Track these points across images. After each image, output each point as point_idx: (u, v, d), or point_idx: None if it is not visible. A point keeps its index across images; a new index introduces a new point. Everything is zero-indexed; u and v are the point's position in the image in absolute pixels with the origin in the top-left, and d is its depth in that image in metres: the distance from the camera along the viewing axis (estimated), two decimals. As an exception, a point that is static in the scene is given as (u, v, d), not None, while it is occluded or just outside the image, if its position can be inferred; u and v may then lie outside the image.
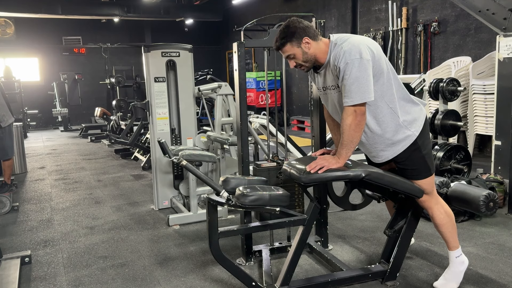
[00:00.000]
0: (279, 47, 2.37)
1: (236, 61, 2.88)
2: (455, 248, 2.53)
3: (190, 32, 14.08)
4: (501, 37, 3.89)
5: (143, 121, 7.05)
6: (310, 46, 2.32)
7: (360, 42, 2.25)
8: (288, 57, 2.38)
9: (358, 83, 2.19)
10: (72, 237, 3.72)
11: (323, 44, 2.34)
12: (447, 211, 2.52)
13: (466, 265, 2.56)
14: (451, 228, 2.51)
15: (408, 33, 7.60)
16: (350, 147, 2.28)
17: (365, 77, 2.20)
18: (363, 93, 2.20)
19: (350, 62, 2.19)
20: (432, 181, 2.48)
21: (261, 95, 10.94)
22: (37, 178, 6.17)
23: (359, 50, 2.21)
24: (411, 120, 2.38)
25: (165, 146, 3.07)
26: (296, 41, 2.31)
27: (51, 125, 13.15)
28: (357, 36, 2.37)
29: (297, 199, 3.38)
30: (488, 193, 3.19)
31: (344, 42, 2.26)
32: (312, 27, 2.36)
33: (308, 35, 2.31)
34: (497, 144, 4.00)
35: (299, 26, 2.31)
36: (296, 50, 2.33)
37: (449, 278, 2.54)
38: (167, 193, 4.43)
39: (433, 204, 2.49)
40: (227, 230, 2.47)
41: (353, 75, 2.19)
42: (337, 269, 2.76)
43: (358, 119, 2.23)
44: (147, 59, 4.22)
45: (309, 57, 2.34)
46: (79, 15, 11.78)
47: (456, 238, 2.54)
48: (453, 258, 2.53)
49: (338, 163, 2.30)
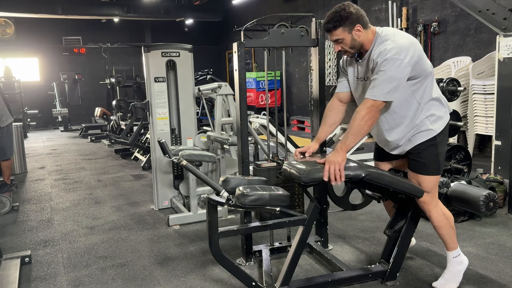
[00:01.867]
0: (331, 29, 2.33)
1: (236, 61, 2.88)
2: (453, 248, 2.53)
3: (190, 32, 14.08)
4: (501, 37, 3.89)
5: (143, 121, 7.05)
6: (360, 34, 2.30)
7: (405, 44, 2.24)
8: (336, 41, 2.34)
9: (390, 82, 2.19)
10: (72, 237, 3.72)
11: (371, 33, 2.33)
12: (446, 213, 2.53)
13: (466, 265, 2.56)
14: (449, 230, 2.51)
15: (408, 33, 7.60)
16: (355, 138, 2.28)
17: (398, 80, 2.20)
18: (389, 93, 2.21)
19: (390, 60, 2.18)
20: (437, 181, 2.49)
21: (261, 95, 10.94)
22: (37, 178, 6.17)
23: (402, 51, 2.20)
24: (436, 117, 2.40)
25: (165, 146, 3.07)
26: (349, 27, 2.29)
27: (51, 125, 13.15)
28: (403, 34, 2.34)
29: (297, 199, 3.38)
30: (488, 193, 3.19)
31: (389, 40, 2.25)
32: (365, 14, 2.34)
33: (360, 22, 2.29)
34: (497, 144, 4.00)
35: (354, 11, 2.29)
36: (346, 36, 2.31)
37: (448, 278, 2.54)
38: (167, 193, 4.43)
39: (432, 206, 2.49)
40: (227, 230, 2.47)
41: (389, 73, 2.19)
42: (337, 269, 2.76)
43: (372, 114, 2.24)
44: (147, 59, 4.22)
45: (356, 44, 2.33)
46: (79, 15, 11.78)
47: (454, 239, 2.54)
48: (451, 258, 2.54)
49: (341, 155, 2.27)
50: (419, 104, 2.36)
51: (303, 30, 2.98)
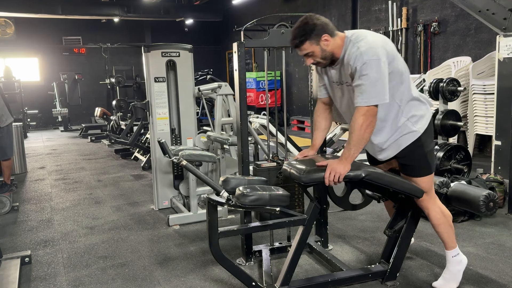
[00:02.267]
0: (298, 45, 2.28)
1: (236, 61, 2.88)
2: (452, 248, 2.53)
3: (190, 32, 14.08)
4: (501, 37, 3.89)
5: (143, 121, 7.05)
6: (328, 43, 2.25)
7: (377, 42, 2.21)
8: (306, 55, 2.31)
9: (375, 85, 2.16)
10: (72, 237, 3.72)
11: (339, 39, 2.28)
12: (444, 211, 2.53)
13: (465, 264, 2.56)
14: (448, 229, 2.51)
15: (408, 33, 7.60)
16: (358, 147, 2.25)
17: (382, 79, 2.17)
18: (379, 95, 2.17)
19: (368, 63, 2.15)
20: (431, 180, 2.48)
21: (261, 95, 10.94)
22: (37, 178, 6.17)
23: (376, 51, 2.17)
24: (417, 118, 2.37)
25: (165, 146, 3.07)
26: (315, 39, 2.24)
27: (51, 125, 13.15)
28: (374, 34, 2.29)
29: (297, 199, 3.38)
30: (488, 193, 3.19)
31: (360, 41, 2.20)
32: (329, 22, 2.29)
33: (327, 31, 2.24)
34: (497, 144, 4.00)
35: (318, 22, 2.24)
36: (315, 48, 2.26)
37: (448, 278, 2.54)
38: (167, 193, 4.43)
39: (430, 204, 2.49)
40: (227, 230, 2.47)
41: (371, 76, 2.15)
42: (337, 269, 2.76)
43: (369, 120, 2.20)
44: (147, 59, 4.22)
45: (327, 54, 2.28)
46: (79, 15, 11.78)
47: (453, 238, 2.53)
48: (450, 258, 2.53)
49: (346, 167, 2.26)
50: (399, 107, 2.32)
51: (303, 30, 2.98)
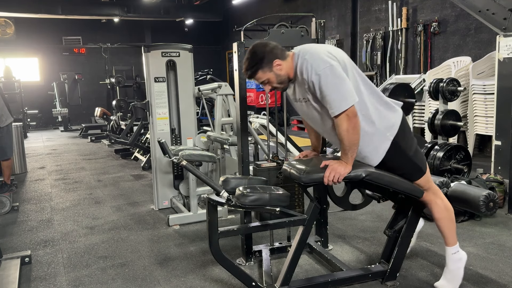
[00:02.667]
0: (251, 76, 2.28)
1: (236, 61, 2.88)
2: (452, 244, 2.51)
3: (190, 32, 14.08)
4: (501, 37, 3.89)
5: (143, 121, 7.05)
6: (281, 67, 2.25)
7: (323, 52, 2.20)
8: (262, 83, 2.31)
9: (339, 90, 2.14)
10: (72, 237, 3.72)
11: (290, 59, 2.28)
12: (447, 205, 2.51)
13: (465, 261, 2.54)
14: (449, 224, 2.49)
15: (408, 33, 7.60)
16: (353, 150, 2.24)
17: (342, 82, 2.15)
18: (348, 97, 2.15)
19: (322, 73, 2.14)
20: (427, 178, 2.47)
21: (261, 95, 10.94)
22: (37, 178, 6.17)
23: (324, 58, 2.16)
24: (386, 124, 2.33)
25: (165, 146, 3.07)
26: (267, 66, 2.24)
27: (51, 125, 13.15)
28: (320, 45, 2.32)
29: (297, 199, 3.38)
30: (488, 193, 3.19)
31: (307, 54, 2.21)
32: (277, 46, 2.28)
33: (277, 56, 2.24)
34: (497, 144, 4.00)
35: (266, 49, 2.23)
36: (269, 75, 2.26)
37: (449, 278, 2.53)
38: (167, 193, 4.43)
39: (432, 197, 2.48)
40: (227, 230, 2.47)
41: (330, 84, 2.13)
42: (337, 269, 2.76)
43: (353, 122, 2.18)
44: (147, 59, 4.22)
45: (282, 78, 2.28)
46: (79, 15, 11.79)
47: (454, 234, 2.52)
48: (450, 255, 2.51)
49: (347, 168, 2.26)
50: (364, 117, 2.29)
51: (303, 30, 2.99)
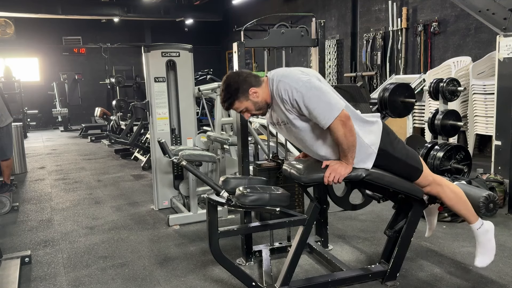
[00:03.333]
0: (228, 107, 2.31)
1: (236, 61, 2.88)
2: (474, 220, 2.54)
3: (190, 32, 14.08)
4: (501, 37, 3.89)
5: (143, 121, 7.05)
6: (257, 94, 2.26)
7: (295, 71, 2.24)
8: (241, 112, 2.33)
9: (323, 100, 2.14)
10: (72, 237, 3.72)
11: (265, 85, 2.30)
12: (454, 189, 2.53)
13: (492, 230, 2.56)
14: (463, 204, 2.53)
15: (408, 33, 7.60)
16: (353, 151, 2.24)
17: (323, 92, 2.15)
18: (335, 104, 2.14)
19: (302, 89, 2.14)
20: (426, 174, 2.47)
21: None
22: (37, 178, 6.17)
23: (299, 76, 2.18)
24: (369, 138, 2.33)
25: (165, 146, 3.07)
26: (243, 96, 2.25)
27: (51, 125, 13.15)
28: (291, 68, 2.33)
29: (297, 199, 3.38)
30: (488, 194, 3.18)
31: (282, 76, 2.22)
32: (251, 74, 2.30)
33: (252, 84, 2.25)
34: (497, 144, 4.00)
35: (240, 79, 2.25)
36: (246, 104, 2.28)
37: (483, 252, 2.55)
38: (167, 193, 4.43)
39: (439, 189, 2.49)
40: (227, 230, 2.47)
41: (313, 96, 2.14)
42: (337, 269, 2.76)
43: (348, 125, 2.17)
44: (147, 59, 4.22)
45: (260, 105, 2.30)
46: (79, 15, 11.78)
47: (472, 211, 2.55)
48: (476, 231, 2.54)
49: (347, 168, 2.27)
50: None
51: (303, 30, 2.99)
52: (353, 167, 2.33)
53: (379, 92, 4.11)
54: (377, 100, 4.08)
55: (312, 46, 3.06)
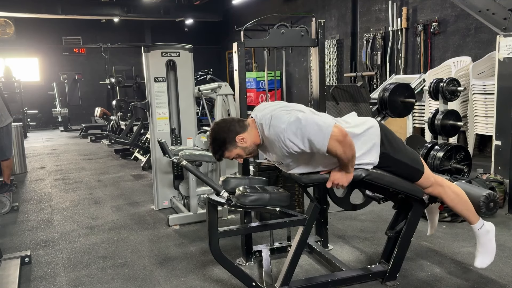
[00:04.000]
0: (220, 158, 2.35)
1: (236, 61, 2.88)
2: (475, 221, 2.55)
3: (190, 32, 14.07)
4: (501, 37, 3.89)
5: (143, 121, 7.04)
6: (245, 139, 2.28)
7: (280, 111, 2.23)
8: (234, 158, 2.36)
9: (314, 129, 2.12)
10: (72, 237, 3.72)
11: (253, 127, 2.31)
12: (455, 190, 2.54)
13: (493, 231, 2.57)
14: (465, 205, 2.54)
15: (408, 33, 7.59)
16: (353, 161, 2.24)
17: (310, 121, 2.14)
18: (325, 126, 2.13)
19: (291, 129, 2.13)
20: (427, 175, 2.47)
21: (261, 95, 10.93)
22: (37, 178, 6.17)
23: (286, 117, 2.17)
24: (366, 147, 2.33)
25: (165, 146, 3.07)
26: (231, 145, 2.27)
27: (51, 125, 13.14)
28: (273, 104, 2.33)
29: (297, 199, 3.38)
30: (489, 193, 3.17)
31: (271, 120, 2.20)
32: (234, 120, 2.31)
33: (237, 132, 2.27)
34: (497, 144, 4.00)
35: (224, 130, 2.27)
36: (236, 151, 2.30)
37: (483, 252, 2.55)
38: (167, 193, 4.43)
39: (440, 190, 2.50)
40: (227, 230, 2.47)
41: (304, 127, 2.12)
42: (337, 269, 2.76)
43: (347, 142, 2.16)
44: (147, 59, 4.22)
45: (250, 149, 2.32)
46: (79, 15, 11.77)
47: (473, 211, 2.56)
48: (477, 231, 2.55)
49: (348, 177, 2.28)
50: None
51: (303, 30, 2.99)
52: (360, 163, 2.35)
53: (379, 92, 4.11)
54: (377, 100, 4.09)
55: (312, 46, 3.06)
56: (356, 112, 2.56)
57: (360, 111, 4.09)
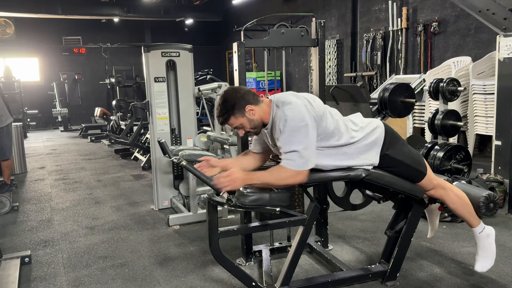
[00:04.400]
0: (223, 122, 2.31)
1: (236, 61, 2.88)
2: (476, 224, 2.54)
3: (190, 32, 14.07)
4: (501, 37, 3.89)
5: (143, 121, 7.04)
6: (254, 112, 2.27)
7: (302, 107, 2.20)
8: (236, 127, 2.34)
9: (302, 153, 2.13)
10: (72, 237, 3.72)
11: (265, 105, 2.30)
12: (457, 193, 2.53)
13: (493, 235, 2.56)
14: (466, 208, 2.53)
15: (408, 33, 7.59)
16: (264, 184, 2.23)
17: (309, 145, 2.15)
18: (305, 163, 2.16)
19: (295, 128, 2.14)
20: (430, 177, 2.47)
21: (261, 95, 10.89)
22: (37, 178, 6.17)
23: (303, 116, 2.16)
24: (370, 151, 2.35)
25: (165, 146, 3.07)
26: (239, 112, 2.25)
27: (51, 125, 13.14)
28: (298, 98, 2.29)
29: (297, 199, 3.38)
30: (488, 194, 3.17)
31: (286, 106, 2.20)
32: (250, 92, 2.31)
33: (249, 102, 2.26)
34: (497, 144, 4.00)
35: (237, 96, 2.25)
36: (242, 120, 2.28)
37: (484, 255, 2.55)
38: (167, 193, 4.43)
39: (442, 192, 2.50)
40: (227, 230, 2.47)
41: (298, 141, 2.13)
42: (337, 269, 2.76)
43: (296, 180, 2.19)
44: (147, 59, 4.22)
45: (256, 123, 2.30)
46: (79, 15, 11.77)
47: (474, 215, 2.55)
48: (478, 235, 2.55)
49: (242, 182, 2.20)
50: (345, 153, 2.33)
51: (303, 30, 2.99)
52: (352, 167, 2.35)
53: (379, 92, 4.11)
54: (377, 100, 4.08)
55: (312, 46, 3.06)
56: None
57: (360, 111, 4.07)
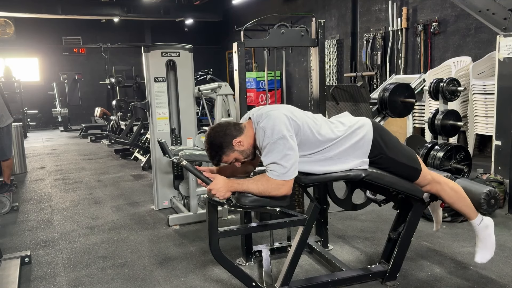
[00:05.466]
0: (218, 163, 2.32)
1: (236, 61, 2.88)
2: (474, 217, 2.55)
3: (190, 32, 14.07)
4: (501, 37, 3.89)
5: (143, 121, 7.04)
6: (242, 143, 2.25)
7: (279, 119, 2.17)
8: (231, 163, 2.34)
9: (283, 163, 2.13)
10: (72, 237, 3.72)
11: (249, 129, 2.28)
12: (453, 187, 2.54)
13: (492, 226, 2.57)
14: (463, 201, 2.54)
15: (408, 33, 7.59)
16: (250, 191, 2.20)
17: (291, 155, 2.14)
18: (292, 171, 2.15)
19: (274, 142, 2.13)
20: (425, 173, 2.47)
21: (261, 95, 10.93)
22: (37, 178, 6.17)
23: (279, 128, 2.14)
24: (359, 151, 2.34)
25: (165, 146, 3.06)
26: (228, 149, 2.24)
27: (51, 125, 13.14)
28: (275, 110, 2.26)
29: (297, 199, 3.38)
30: (489, 190, 3.17)
31: (263, 122, 2.19)
32: (229, 124, 2.28)
33: (234, 136, 2.24)
34: (497, 144, 4.00)
35: (220, 135, 2.23)
36: (234, 155, 2.28)
37: (483, 247, 2.56)
38: (167, 193, 4.43)
39: (438, 187, 2.50)
40: (227, 230, 2.47)
41: (279, 152, 2.12)
42: (337, 269, 2.76)
43: (281, 191, 2.18)
44: (147, 59, 4.22)
45: (247, 152, 2.29)
46: (79, 15, 11.77)
47: (472, 207, 2.56)
48: (476, 226, 2.55)
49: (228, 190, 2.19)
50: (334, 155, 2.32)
51: (303, 30, 2.99)
52: (352, 168, 2.35)
53: (379, 92, 4.11)
54: (377, 100, 4.09)
55: (312, 46, 3.06)
56: (356, 112, 2.57)
57: (360, 111, 4.09)
